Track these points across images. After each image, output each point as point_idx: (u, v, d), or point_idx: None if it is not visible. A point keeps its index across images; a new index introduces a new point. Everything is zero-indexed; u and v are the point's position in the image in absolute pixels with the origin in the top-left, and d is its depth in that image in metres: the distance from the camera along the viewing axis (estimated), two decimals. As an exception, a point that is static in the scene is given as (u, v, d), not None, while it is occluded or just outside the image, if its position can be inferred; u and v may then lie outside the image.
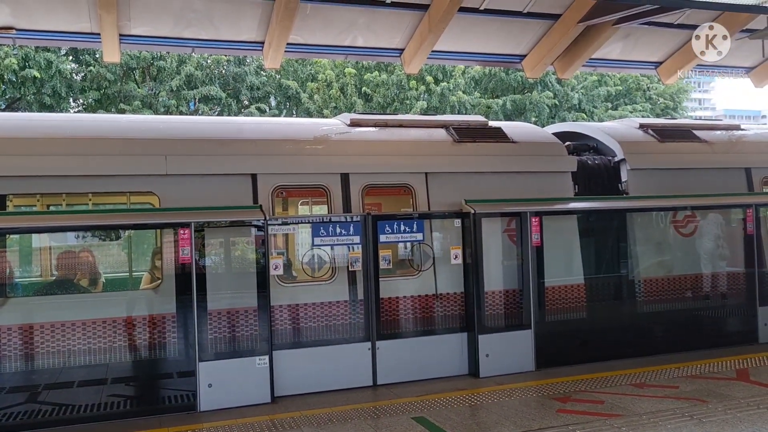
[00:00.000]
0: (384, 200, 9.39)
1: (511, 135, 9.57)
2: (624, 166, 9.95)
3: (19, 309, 7.06)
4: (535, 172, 9.34)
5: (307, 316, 7.91)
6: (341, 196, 8.40)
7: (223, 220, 7.50)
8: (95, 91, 23.66)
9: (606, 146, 10.29)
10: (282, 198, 8.74)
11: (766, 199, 9.87)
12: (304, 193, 8.97)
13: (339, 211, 8.31)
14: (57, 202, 7.98)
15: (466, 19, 9.75)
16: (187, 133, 8.43)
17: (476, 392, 7.56)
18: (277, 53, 9.49)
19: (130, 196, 7.91)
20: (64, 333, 6.91)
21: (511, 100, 26.72)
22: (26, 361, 6.85)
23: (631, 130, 10.71)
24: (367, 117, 9.59)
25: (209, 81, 25.17)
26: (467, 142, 9.21)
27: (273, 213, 8.13)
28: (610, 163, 10.08)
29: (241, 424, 6.58)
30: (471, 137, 9.28)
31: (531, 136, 9.97)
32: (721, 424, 6.12)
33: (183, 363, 7.28)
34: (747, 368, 8.25)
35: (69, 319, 6.95)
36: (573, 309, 8.95)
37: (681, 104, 32.08)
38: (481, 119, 10.00)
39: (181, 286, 7.20)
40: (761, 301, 9.69)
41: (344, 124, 9.22)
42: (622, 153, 9.97)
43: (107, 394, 7.10)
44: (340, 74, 26.33)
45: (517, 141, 9.50)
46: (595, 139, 10.54)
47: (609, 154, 10.22)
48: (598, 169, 9.96)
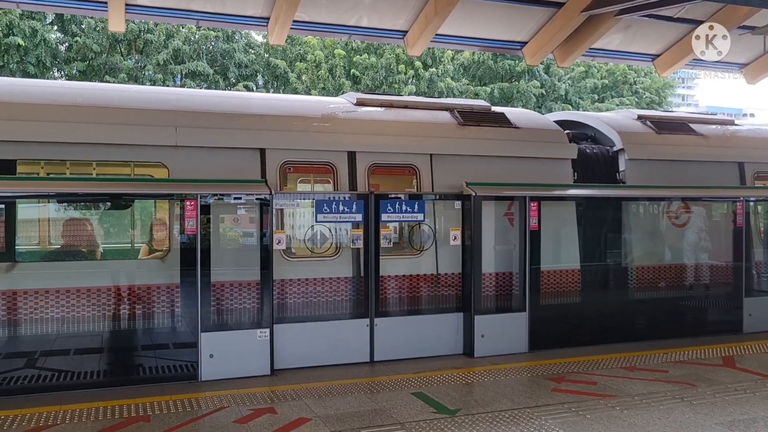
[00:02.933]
0: (388, 180, 9.42)
1: (513, 120, 9.68)
2: (622, 156, 10.12)
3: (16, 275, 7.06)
4: (536, 158, 9.47)
5: (308, 292, 7.98)
6: (347, 174, 8.47)
7: (229, 193, 7.51)
8: (80, 62, 23.32)
9: (604, 136, 10.45)
10: (289, 174, 8.76)
11: (755, 193, 10.11)
12: (311, 169, 8.98)
13: (344, 189, 8.37)
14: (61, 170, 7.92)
15: (471, 4, 9.81)
16: (198, 106, 8.39)
17: (472, 371, 7.70)
18: (282, 30, 9.46)
19: (140, 166, 7.90)
20: (69, 299, 6.92)
21: (499, 88, 26.88)
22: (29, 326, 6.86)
23: (629, 121, 10.87)
24: (373, 97, 9.63)
25: (197, 56, 24.93)
26: (471, 126, 9.29)
27: (279, 188, 8.16)
28: (608, 153, 10.24)
29: (242, 394, 6.64)
30: (475, 121, 9.37)
31: (533, 122, 10.08)
32: (710, 407, 6.32)
33: (185, 333, 7.33)
34: (733, 356, 8.51)
35: (74, 286, 6.97)
36: (566, 293, 9.14)
37: (666, 99, 32.49)
38: (484, 104, 10.09)
39: (185, 258, 7.23)
40: (747, 292, 9.96)
41: (350, 103, 9.25)
42: (621, 143, 10.13)
43: (106, 362, 7.15)
44: (329, 55, 26.23)
45: (520, 127, 9.61)
46: (593, 128, 10.69)
47: (607, 143, 10.38)
48: (597, 158, 10.11)
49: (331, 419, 5.90)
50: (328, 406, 6.30)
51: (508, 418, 5.97)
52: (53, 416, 5.94)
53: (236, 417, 5.97)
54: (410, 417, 5.97)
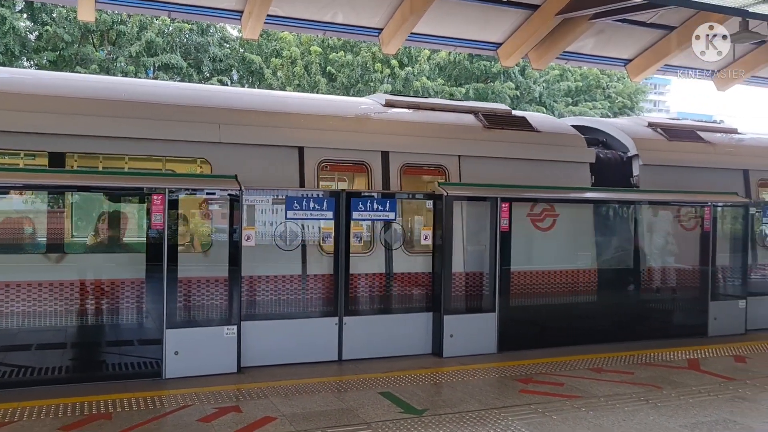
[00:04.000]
0: (419, 180, 9.69)
1: (535, 124, 9.93)
2: (636, 162, 10.41)
3: None
4: (557, 161, 9.74)
5: (277, 289, 7.91)
6: (381, 173, 8.66)
7: (198, 188, 7.40)
8: (51, 52, 22.84)
9: (617, 141, 10.73)
10: (326, 172, 8.95)
11: (722, 199, 10.24)
12: (347, 168, 9.22)
13: (378, 188, 8.53)
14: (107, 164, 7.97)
15: (447, 3, 9.79)
16: (240, 104, 8.59)
17: (440, 371, 7.70)
18: (256, 24, 9.35)
19: (184, 161, 8.11)
20: (30, 294, 6.76)
21: (474, 88, 26.94)
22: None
23: (641, 128, 11.18)
24: (402, 98, 9.87)
25: (170, 49, 24.60)
26: (496, 129, 9.55)
27: (317, 186, 8.35)
28: (622, 158, 10.50)
29: (207, 392, 6.55)
30: (499, 124, 9.63)
31: (553, 126, 10.37)
32: (674, 409, 6.39)
33: (150, 329, 7.21)
34: (698, 358, 8.61)
35: (35, 280, 6.81)
36: (536, 295, 9.18)
37: (638, 104, 32.86)
38: (504, 107, 10.36)
39: (151, 253, 7.11)
40: (712, 296, 10.08)
41: (379, 104, 9.44)
42: (636, 149, 10.43)
43: (69, 358, 7.01)
44: (305, 52, 26.07)
45: (541, 131, 9.86)
46: (605, 133, 10.98)
47: (620, 149, 10.66)
48: (612, 163, 10.38)
49: (297, 418, 5.84)
50: (294, 404, 6.24)
51: (475, 418, 5.96)
52: (10, 413, 5.79)
53: (200, 415, 5.88)
54: (377, 417, 5.94)
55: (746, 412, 6.37)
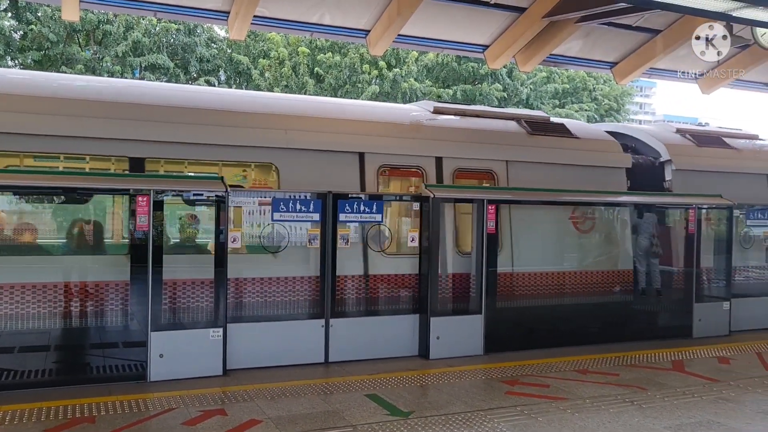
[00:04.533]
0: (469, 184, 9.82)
1: (573, 131, 10.26)
2: (669, 167, 10.74)
3: None
4: (596, 167, 10.04)
5: (263, 291, 7.87)
6: (435, 178, 9.04)
7: (184, 190, 7.36)
8: (36, 52, 22.68)
9: (649, 147, 11.00)
10: (385, 176, 9.15)
11: (706, 201, 10.31)
12: (404, 173, 9.40)
13: None
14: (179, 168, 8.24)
15: (434, 5, 9.79)
16: (304, 110, 8.89)
17: (427, 373, 7.69)
18: (243, 24, 9.31)
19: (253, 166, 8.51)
20: (12, 295, 6.69)
21: (462, 90, 27.02)
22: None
23: (671, 134, 11.52)
24: (448, 106, 10.25)
25: (157, 49, 24.48)
26: (539, 135, 9.90)
27: (378, 190, 8.73)
28: (654, 163, 10.77)
29: (192, 395, 6.51)
30: (542, 131, 9.99)
31: (591, 133, 10.72)
32: (659, 411, 6.42)
33: (134, 332, 7.15)
34: (682, 360, 8.67)
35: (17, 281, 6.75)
36: (522, 297, 9.22)
37: (624, 107, 33.10)
38: (543, 114, 10.68)
39: (137, 255, 7.06)
40: (697, 298, 10.15)
41: (428, 111, 9.72)
42: (668, 154, 10.73)
43: (53, 361, 6.94)
44: (293, 53, 26.03)
45: (580, 137, 10.16)
46: (636, 139, 11.24)
47: (651, 154, 10.92)
48: (646, 168, 10.65)
49: (282, 421, 5.82)
50: (280, 407, 6.21)
51: (461, 420, 5.97)
52: (-7, 417, 5.74)
53: (185, 419, 5.84)
54: (363, 419, 5.93)
55: (730, 413, 6.41)
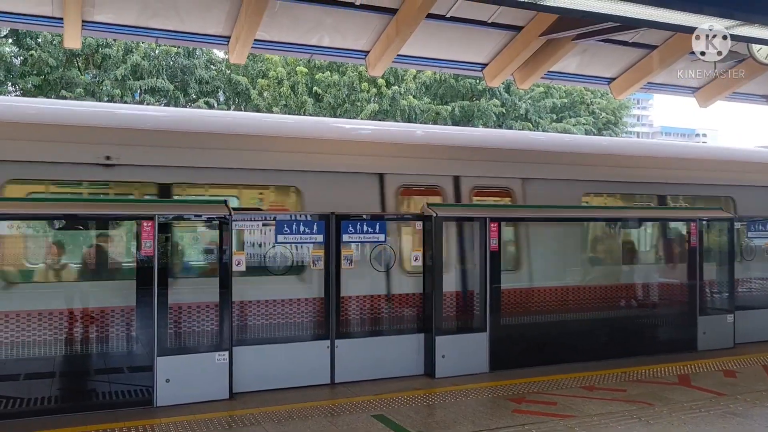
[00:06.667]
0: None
1: None
2: None
3: None
4: None
5: (268, 313, 7.88)
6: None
7: (188, 214, 7.39)
8: (36, 77, 22.84)
9: None
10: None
11: (708, 214, 10.35)
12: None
13: None
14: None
15: (432, 26, 9.89)
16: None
17: (433, 392, 7.68)
18: (243, 48, 9.41)
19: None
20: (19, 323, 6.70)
21: (460, 106, 27.16)
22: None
23: None
24: None
25: (156, 72, 24.63)
26: None
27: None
28: None
29: (199, 420, 6.50)
30: None
31: None
32: (667, 426, 6.41)
33: (140, 357, 7.15)
34: (688, 374, 8.64)
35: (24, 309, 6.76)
36: (526, 313, 9.22)
37: (621, 119, 33.24)
38: None
39: (142, 279, 7.07)
40: (701, 311, 10.15)
41: None
42: None
43: (58, 387, 6.93)
44: (291, 72, 26.19)
45: None
46: None
47: None
48: None
49: (290, 445, 5.81)
50: (287, 430, 6.20)
51: (469, 440, 5.96)
52: (1, 446, 5.73)
53: (193, 444, 5.83)
54: (371, 441, 5.93)
55: (738, 428, 6.40)
